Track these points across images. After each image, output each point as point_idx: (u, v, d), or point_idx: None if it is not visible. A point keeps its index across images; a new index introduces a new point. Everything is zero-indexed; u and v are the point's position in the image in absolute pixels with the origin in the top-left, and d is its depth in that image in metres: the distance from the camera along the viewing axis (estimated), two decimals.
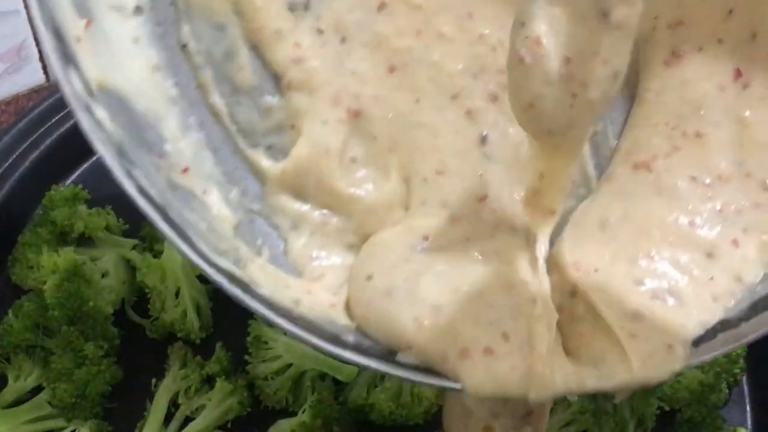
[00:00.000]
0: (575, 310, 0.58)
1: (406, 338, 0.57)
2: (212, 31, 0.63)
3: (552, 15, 0.52)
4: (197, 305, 0.89)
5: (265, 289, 0.57)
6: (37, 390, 0.84)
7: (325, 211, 0.66)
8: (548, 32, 0.52)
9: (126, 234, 0.97)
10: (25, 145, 0.96)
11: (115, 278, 0.89)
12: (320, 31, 0.66)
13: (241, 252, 0.60)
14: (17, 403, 0.82)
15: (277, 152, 0.66)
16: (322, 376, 0.86)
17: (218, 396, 0.83)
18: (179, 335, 0.88)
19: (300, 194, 0.66)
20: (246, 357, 0.87)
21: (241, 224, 0.63)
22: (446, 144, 0.67)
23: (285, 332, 0.56)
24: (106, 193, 0.98)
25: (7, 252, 0.92)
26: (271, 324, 0.56)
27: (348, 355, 0.56)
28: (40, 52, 1.30)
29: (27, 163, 0.96)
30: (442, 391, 0.85)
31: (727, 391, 0.91)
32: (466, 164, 0.66)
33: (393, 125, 0.67)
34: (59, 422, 0.81)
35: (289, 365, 0.85)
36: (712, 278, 0.58)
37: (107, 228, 0.94)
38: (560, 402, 0.85)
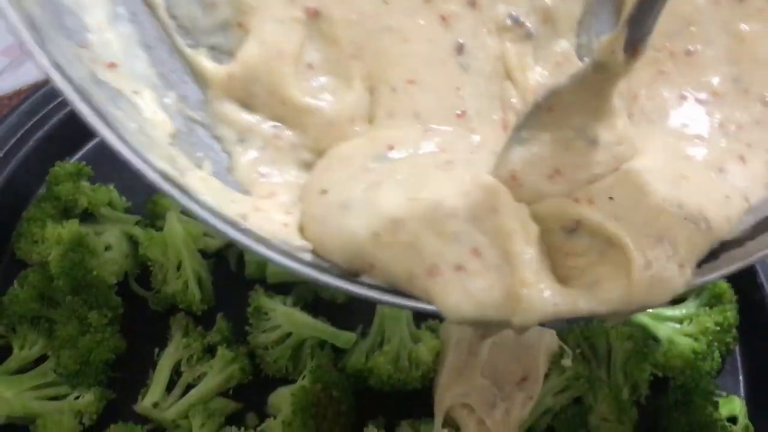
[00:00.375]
0: (573, 247, 0.53)
1: (366, 257, 0.52)
2: None
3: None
4: (198, 277, 0.90)
5: (208, 197, 0.51)
6: (41, 359, 0.85)
7: (276, 123, 0.59)
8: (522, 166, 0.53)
9: (128, 211, 0.99)
10: (29, 125, 0.98)
11: (118, 252, 0.91)
12: None
13: (179, 162, 0.54)
14: (22, 371, 0.84)
15: (222, 54, 0.59)
16: (321, 344, 0.88)
17: (219, 364, 0.85)
18: (181, 307, 0.90)
19: (248, 103, 0.59)
20: (246, 328, 0.88)
21: (179, 133, 0.56)
22: (418, 51, 0.61)
23: (232, 242, 0.49)
24: (109, 171, 1.00)
25: (11, 228, 0.94)
26: (213, 231, 0.49)
27: (306, 270, 0.51)
28: None
29: (31, 142, 0.97)
30: (439, 355, 0.87)
31: (720, 359, 0.92)
32: (440, 75, 0.61)
33: (357, 28, 0.60)
34: (64, 389, 0.83)
35: (289, 334, 0.87)
36: (728, 197, 0.56)
37: (110, 204, 0.96)
38: (555, 368, 0.86)
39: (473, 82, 0.62)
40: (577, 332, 0.90)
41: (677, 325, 0.94)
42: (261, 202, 0.56)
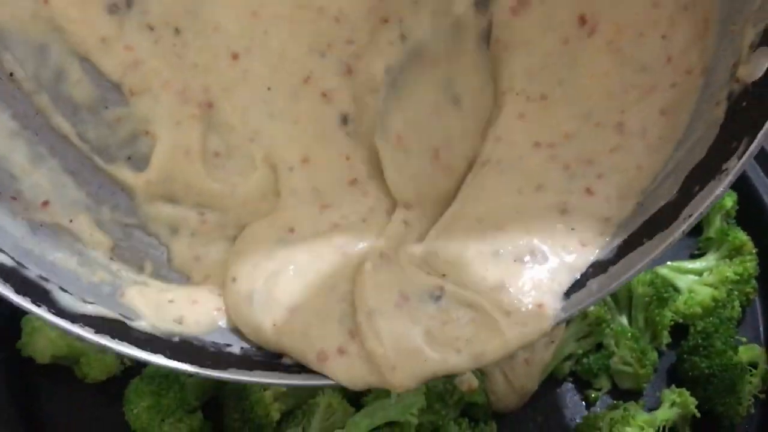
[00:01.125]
0: (447, 316, 0.57)
1: (272, 345, 0.59)
2: (35, 52, 0.61)
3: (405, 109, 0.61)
4: None
5: (144, 317, 0.59)
6: None
7: (200, 210, 0.66)
8: (405, 126, 0.60)
9: None
10: None
11: None
12: (150, 28, 0.64)
13: (121, 275, 0.62)
14: None
15: (139, 161, 0.65)
16: None
17: None
18: None
19: (172, 198, 0.66)
20: None
21: (118, 244, 0.63)
22: (307, 131, 0.66)
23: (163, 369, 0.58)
24: None
25: None
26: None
27: (227, 376, 0.57)
28: None
29: None
30: None
31: (739, 309, 0.94)
32: (331, 149, 0.66)
33: (248, 115, 0.66)
34: None
35: None
36: (573, 229, 0.59)
37: None
38: (577, 314, 0.88)
39: (360, 146, 0.66)
40: None
41: (697, 277, 0.96)
42: (197, 290, 0.64)
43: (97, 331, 0.54)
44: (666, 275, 0.96)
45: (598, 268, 0.58)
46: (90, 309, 0.56)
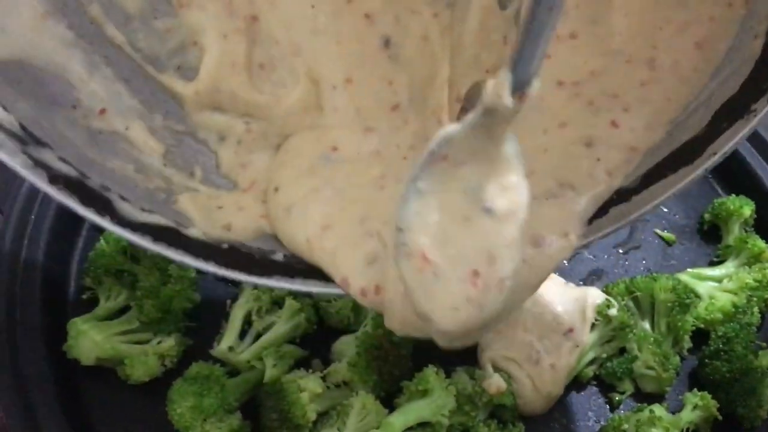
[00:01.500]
0: None
1: (304, 256, 0.61)
2: None
3: (430, 223, 0.51)
4: None
5: (196, 224, 0.62)
6: (124, 310, 0.93)
7: (246, 119, 0.68)
8: (432, 245, 0.51)
9: None
10: None
11: None
12: None
13: (174, 180, 0.65)
14: (108, 319, 0.91)
15: (188, 70, 0.68)
16: None
17: (287, 313, 0.91)
18: None
19: (219, 107, 0.68)
20: None
21: (170, 150, 0.66)
22: (350, 52, 0.67)
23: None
24: None
25: None
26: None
27: (273, 282, 0.61)
28: None
29: None
30: None
31: (759, 314, 0.96)
32: (373, 72, 0.67)
33: (292, 30, 0.67)
34: (146, 335, 0.90)
35: None
36: (599, 159, 0.60)
37: None
38: (601, 319, 0.91)
39: (404, 72, 0.67)
40: (622, 286, 0.96)
41: (717, 284, 0.99)
42: (243, 196, 0.66)
43: (155, 240, 0.58)
44: (687, 282, 0.99)
45: (621, 195, 0.59)
46: (147, 217, 0.59)
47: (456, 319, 0.51)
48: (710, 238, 1.09)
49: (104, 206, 0.57)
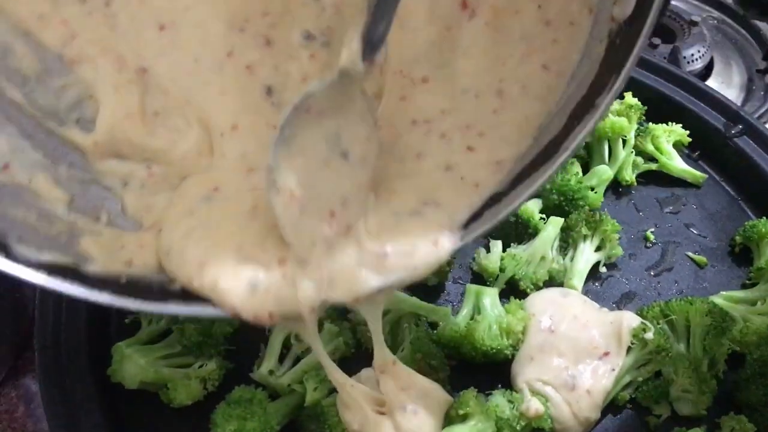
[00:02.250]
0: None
1: (193, 291, 0.64)
2: None
3: (296, 165, 0.60)
4: None
5: (96, 261, 0.65)
6: (165, 333, 0.94)
7: (147, 164, 0.72)
8: (299, 183, 0.60)
9: None
10: None
11: None
12: (82, 1, 0.71)
13: (78, 224, 0.68)
14: (150, 343, 0.93)
15: (87, 122, 0.71)
16: (417, 321, 0.95)
17: (326, 337, 0.92)
18: None
19: (120, 155, 0.72)
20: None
21: (75, 198, 0.69)
22: (234, 101, 0.71)
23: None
24: None
25: None
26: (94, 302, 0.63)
27: (170, 308, 0.64)
28: None
29: None
30: None
31: None
32: (258, 118, 0.71)
33: (181, 82, 0.72)
34: (188, 359, 0.91)
35: (388, 311, 0.94)
36: (462, 178, 0.65)
37: None
38: (637, 343, 0.92)
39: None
40: (657, 310, 0.96)
41: (750, 306, 0.99)
42: (145, 234, 0.69)
43: (49, 274, 0.60)
44: (720, 305, 0.99)
45: (493, 199, 0.64)
46: (45, 257, 0.62)
47: (312, 253, 0.60)
48: (742, 261, 1.09)
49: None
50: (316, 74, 0.72)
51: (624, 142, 1.15)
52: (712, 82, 1.55)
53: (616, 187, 1.17)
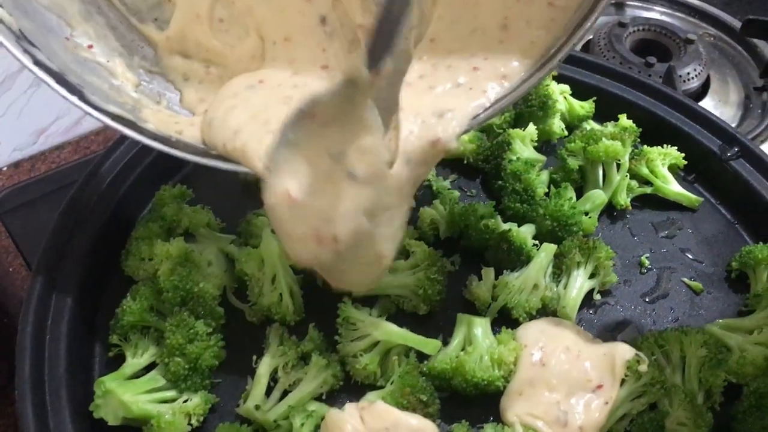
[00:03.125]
0: None
1: (228, 155, 0.76)
2: None
3: (298, 172, 0.62)
4: (291, 291, 0.97)
5: (151, 124, 0.79)
6: (150, 367, 0.92)
7: (206, 65, 0.86)
8: (299, 188, 0.62)
9: (222, 231, 1.07)
10: (134, 151, 1.08)
11: (217, 267, 0.98)
12: None
13: (142, 101, 0.82)
14: (134, 377, 0.91)
15: (163, 23, 0.86)
16: (407, 352, 0.93)
17: (314, 370, 0.91)
18: (275, 318, 0.97)
19: (185, 53, 0.86)
20: (336, 337, 0.95)
21: (143, 83, 0.85)
22: (291, 20, 0.82)
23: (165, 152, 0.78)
24: (206, 195, 1.09)
25: (120, 249, 1.03)
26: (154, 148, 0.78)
27: (209, 161, 0.77)
28: None
29: (138, 168, 1.07)
30: None
31: None
32: (310, 39, 0.83)
33: None
34: (172, 393, 0.90)
35: (376, 343, 0.93)
36: (471, 89, 0.76)
37: (208, 225, 1.04)
38: (631, 375, 0.90)
39: (335, 43, 0.81)
40: (651, 340, 0.94)
41: (748, 335, 0.97)
42: (196, 118, 0.82)
43: (113, 119, 0.75)
44: (717, 334, 0.98)
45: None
46: (111, 109, 0.76)
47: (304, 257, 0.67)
48: (739, 287, 1.07)
49: (75, 91, 0.74)
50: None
51: (618, 165, 1.13)
52: (708, 101, 1.53)
53: (610, 212, 1.15)
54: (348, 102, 0.61)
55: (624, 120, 1.20)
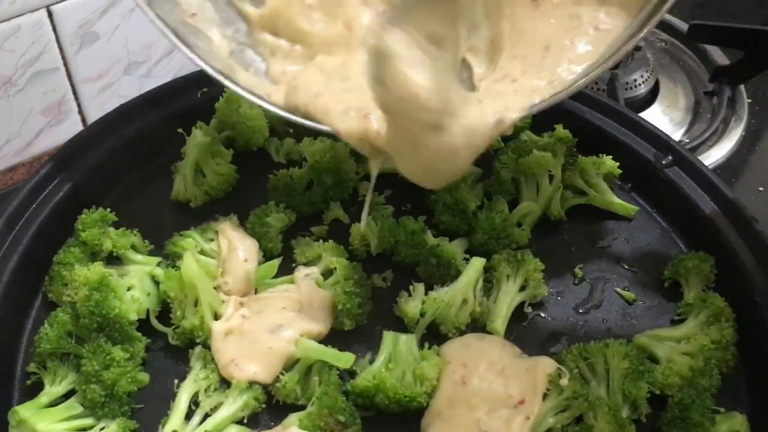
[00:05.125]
0: None
1: (308, 117, 0.89)
2: None
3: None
4: (214, 312, 0.96)
5: (242, 82, 0.91)
6: (69, 394, 0.91)
7: (293, 43, 0.96)
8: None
9: (151, 253, 1.06)
10: (59, 177, 1.07)
11: (140, 291, 0.97)
12: None
13: (234, 67, 0.93)
14: (52, 405, 0.90)
15: (259, 2, 0.97)
16: (329, 369, 0.92)
17: (235, 392, 0.90)
18: (198, 341, 0.96)
19: (275, 31, 0.96)
20: None
21: (235, 52, 0.95)
22: None
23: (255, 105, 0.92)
24: (134, 217, 1.08)
25: (44, 273, 1.02)
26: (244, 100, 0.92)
27: (293, 118, 0.89)
28: (78, 105, 1.43)
29: (61, 193, 1.06)
30: None
31: (719, 377, 0.94)
32: None
33: None
34: (90, 421, 0.89)
35: (297, 361, 0.92)
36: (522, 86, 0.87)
37: (134, 247, 1.03)
38: (553, 389, 0.89)
39: None
40: (576, 353, 0.94)
41: (677, 345, 0.96)
42: (281, 87, 0.93)
43: (217, 72, 0.89)
44: (645, 344, 0.97)
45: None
46: (214, 64, 0.90)
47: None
48: (672, 296, 1.07)
49: (185, 43, 0.89)
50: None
51: (551, 176, 1.13)
52: (657, 106, 1.53)
53: (545, 223, 1.14)
54: None
55: (560, 130, 1.20)
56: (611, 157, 1.17)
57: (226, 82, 0.89)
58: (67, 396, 0.91)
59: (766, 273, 1.02)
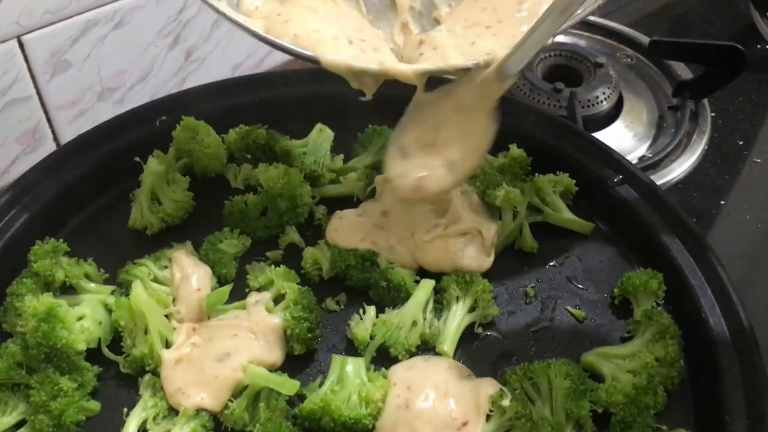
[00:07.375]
0: None
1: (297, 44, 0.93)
2: None
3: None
4: (165, 340, 0.98)
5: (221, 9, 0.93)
6: (20, 424, 0.92)
7: None
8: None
9: (106, 282, 1.07)
10: (16, 208, 1.09)
11: (91, 320, 0.98)
12: None
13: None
14: None
15: None
16: (277, 395, 0.93)
17: (182, 420, 0.91)
18: (148, 369, 0.97)
19: None
20: None
21: None
22: None
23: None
24: (88, 247, 1.09)
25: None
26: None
27: (288, 48, 0.92)
28: (53, 132, 1.44)
29: (17, 224, 1.07)
30: None
31: (664, 394, 0.94)
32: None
33: None
34: None
35: (245, 387, 0.93)
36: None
37: (87, 276, 1.05)
38: (497, 410, 0.90)
39: None
40: (520, 373, 0.94)
41: (622, 362, 0.97)
42: (256, 20, 0.96)
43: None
44: (593, 362, 0.98)
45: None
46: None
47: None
48: (622, 313, 1.08)
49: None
50: None
51: (515, 214, 1.14)
52: (621, 122, 1.54)
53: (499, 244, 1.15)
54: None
55: (514, 149, 1.21)
56: (567, 174, 1.18)
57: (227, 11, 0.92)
58: (17, 426, 0.92)
59: (714, 289, 1.02)
